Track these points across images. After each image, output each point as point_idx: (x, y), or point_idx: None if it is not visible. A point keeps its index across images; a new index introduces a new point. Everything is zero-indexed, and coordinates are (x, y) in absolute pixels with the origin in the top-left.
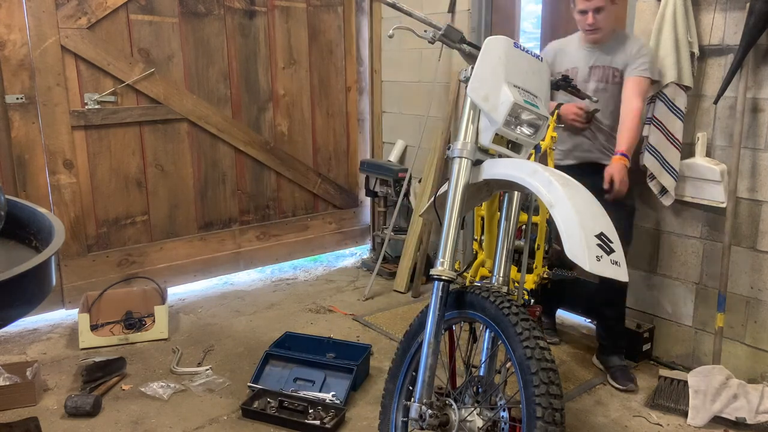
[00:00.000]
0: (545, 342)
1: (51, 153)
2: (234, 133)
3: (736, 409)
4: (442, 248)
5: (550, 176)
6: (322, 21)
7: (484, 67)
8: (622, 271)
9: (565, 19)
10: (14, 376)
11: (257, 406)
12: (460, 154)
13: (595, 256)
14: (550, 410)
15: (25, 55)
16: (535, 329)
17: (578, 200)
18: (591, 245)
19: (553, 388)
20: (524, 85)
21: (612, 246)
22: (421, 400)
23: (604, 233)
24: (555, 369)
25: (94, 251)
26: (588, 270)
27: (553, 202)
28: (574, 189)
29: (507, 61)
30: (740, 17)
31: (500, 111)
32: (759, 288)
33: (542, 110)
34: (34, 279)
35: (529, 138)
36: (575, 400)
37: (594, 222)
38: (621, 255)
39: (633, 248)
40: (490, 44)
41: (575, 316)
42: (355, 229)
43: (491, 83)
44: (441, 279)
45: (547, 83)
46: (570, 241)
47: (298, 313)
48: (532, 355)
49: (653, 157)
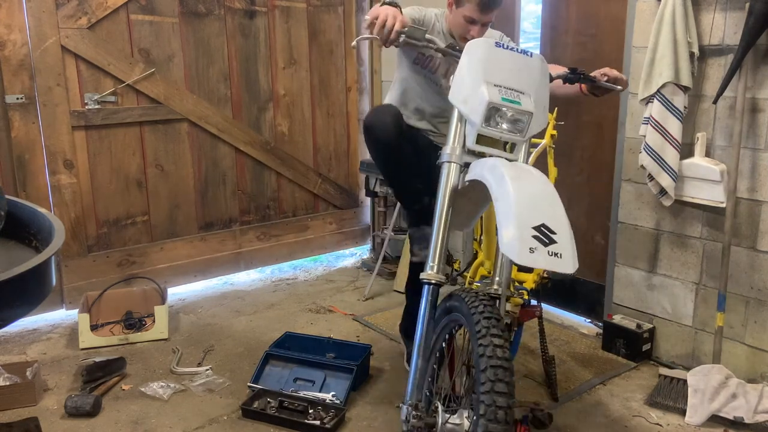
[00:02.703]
0: (502, 340)
1: (51, 153)
2: (234, 133)
3: (735, 408)
4: (432, 252)
5: (504, 171)
6: (322, 21)
7: (463, 71)
8: (563, 263)
9: (566, 19)
10: (14, 376)
11: (257, 406)
12: (448, 158)
13: (527, 249)
14: (493, 408)
15: (25, 55)
16: (494, 327)
17: (524, 193)
18: (525, 238)
19: (498, 385)
20: (507, 83)
21: (554, 237)
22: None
23: (545, 225)
24: (506, 367)
25: (95, 251)
26: (517, 263)
27: (497, 197)
28: (525, 182)
29: (486, 62)
30: (740, 17)
31: (478, 111)
32: (759, 288)
33: (526, 106)
34: (34, 279)
35: (515, 135)
36: (575, 400)
37: (535, 214)
38: (566, 246)
39: (633, 248)
40: (469, 48)
41: (575, 316)
42: (355, 229)
43: (470, 86)
44: (430, 283)
45: (540, 77)
46: (504, 234)
47: (298, 313)
48: (484, 352)
49: (650, 157)
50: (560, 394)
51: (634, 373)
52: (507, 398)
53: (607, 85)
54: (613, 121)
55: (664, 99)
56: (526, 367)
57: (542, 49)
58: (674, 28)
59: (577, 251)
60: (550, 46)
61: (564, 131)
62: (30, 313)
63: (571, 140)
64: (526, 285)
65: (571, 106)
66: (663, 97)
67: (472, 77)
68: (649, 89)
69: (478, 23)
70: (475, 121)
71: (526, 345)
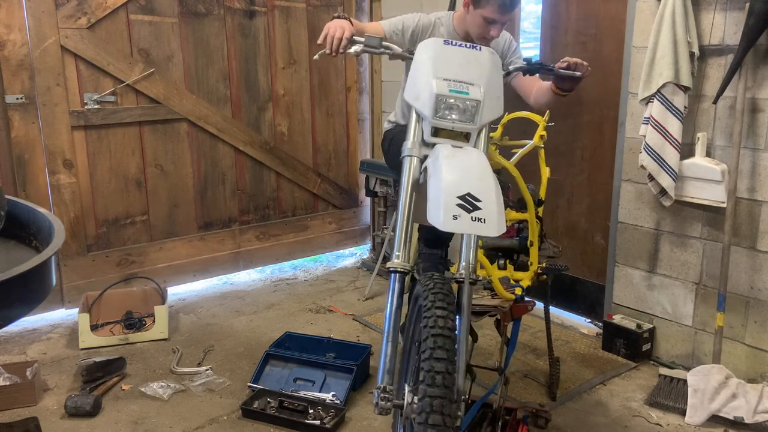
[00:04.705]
0: (446, 312)
1: (51, 153)
2: (234, 133)
3: (735, 408)
4: (396, 242)
5: (441, 152)
6: (322, 21)
7: (415, 70)
8: (485, 227)
9: (566, 19)
10: (14, 376)
11: (257, 406)
12: (409, 153)
13: (451, 216)
14: (432, 373)
15: (25, 55)
16: (440, 301)
17: (454, 168)
18: (449, 206)
19: (438, 352)
20: (456, 77)
21: (478, 204)
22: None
23: (470, 193)
24: (448, 335)
25: (94, 251)
26: (442, 229)
27: (430, 174)
28: (457, 159)
29: (436, 59)
30: (740, 17)
31: (428, 105)
32: (759, 288)
33: (474, 95)
34: (34, 279)
35: (466, 124)
36: (575, 400)
37: (461, 184)
38: (490, 211)
39: (633, 248)
40: (420, 48)
41: (575, 316)
42: (355, 229)
43: (422, 82)
44: (396, 271)
45: (490, 68)
46: (430, 206)
47: (298, 313)
48: (426, 323)
49: (650, 157)
50: (560, 394)
51: (634, 373)
52: (445, 363)
53: (565, 72)
54: (613, 121)
55: (664, 99)
56: (527, 367)
57: (542, 49)
58: (674, 28)
59: (577, 251)
60: (550, 46)
61: (564, 131)
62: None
63: (571, 140)
64: (522, 283)
65: (571, 106)
66: (663, 97)
67: (423, 74)
68: (649, 89)
69: (498, 23)
70: (427, 114)
71: (527, 344)
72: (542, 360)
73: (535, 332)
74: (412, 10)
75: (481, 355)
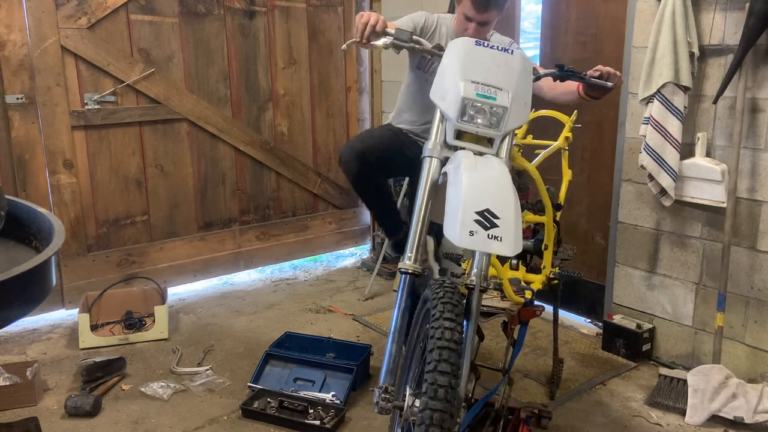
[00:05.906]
0: (454, 324)
1: (51, 153)
2: (234, 133)
3: (735, 408)
4: (410, 244)
5: (462, 161)
6: (322, 21)
7: (443, 69)
8: (501, 246)
9: (566, 19)
10: (14, 376)
11: (257, 406)
12: (429, 153)
13: (468, 232)
14: (435, 386)
15: (25, 55)
16: (448, 312)
17: (475, 180)
18: (466, 221)
19: (442, 365)
20: (485, 80)
21: (496, 221)
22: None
23: (489, 210)
24: (453, 348)
25: (94, 251)
26: (457, 245)
27: (450, 183)
28: (478, 171)
29: (465, 60)
30: (740, 17)
31: (453, 107)
32: (759, 288)
33: (501, 101)
34: (34, 279)
35: (490, 129)
36: (575, 400)
37: (481, 199)
38: (508, 230)
39: (633, 248)
40: (450, 47)
41: (575, 316)
42: (355, 229)
43: (449, 83)
44: (407, 272)
45: (520, 73)
46: (447, 219)
47: (298, 313)
48: (434, 334)
49: (650, 157)
50: (560, 394)
51: (634, 373)
52: (449, 378)
53: (597, 81)
54: (613, 121)
55: (664, 99)
56: (527, 366)
57: (542, 49)
58: (674, 28)
59: (578, 251)
60: (550, 46)
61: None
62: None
63: (572, 140)
64: (533, 285)
65: (571, 106)
66: (663, 97)
67: (451, 75)
68: (649, 89)
69: (473, 21)
70: (452, 117)
71: (528, 344)
72: (543, 360)
73: (536, 332)
74: (412, 10)
75: (482, 355)
